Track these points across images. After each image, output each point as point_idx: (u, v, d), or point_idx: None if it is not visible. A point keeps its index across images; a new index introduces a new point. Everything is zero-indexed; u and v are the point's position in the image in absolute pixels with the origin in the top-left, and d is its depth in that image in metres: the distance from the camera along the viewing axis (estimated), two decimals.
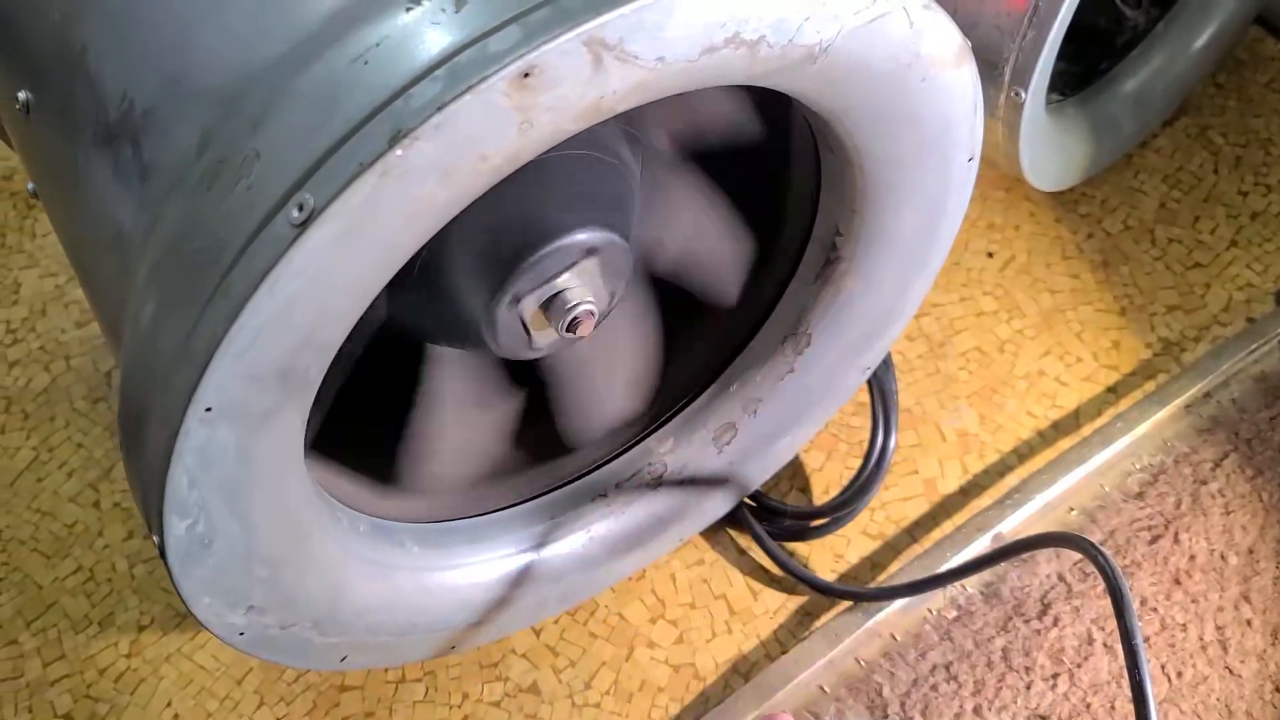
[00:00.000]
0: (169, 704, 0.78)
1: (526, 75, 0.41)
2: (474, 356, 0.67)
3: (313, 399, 0.49)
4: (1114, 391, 0.84)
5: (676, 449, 0.76)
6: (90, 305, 0.62)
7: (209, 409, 0.44)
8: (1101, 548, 0.61)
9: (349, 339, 0.48)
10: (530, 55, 0.41)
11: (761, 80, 0.51)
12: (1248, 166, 0.94)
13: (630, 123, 0.62)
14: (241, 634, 0.57)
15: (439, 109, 0.40)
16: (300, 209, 0.41)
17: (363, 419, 0.64)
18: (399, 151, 0.40)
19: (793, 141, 0.66)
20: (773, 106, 0.64)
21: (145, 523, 0.51)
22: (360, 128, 0.41)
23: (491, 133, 0.42)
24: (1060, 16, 0.68)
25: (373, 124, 0.41)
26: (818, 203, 0.68)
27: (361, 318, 0.47)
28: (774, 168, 0.69)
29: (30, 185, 0.65)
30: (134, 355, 0.48)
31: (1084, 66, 0.92)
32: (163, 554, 0.50)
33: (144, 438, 0.47)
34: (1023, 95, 0.72)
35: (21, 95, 0.58)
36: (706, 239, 0.71)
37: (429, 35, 0.42)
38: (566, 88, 0.43)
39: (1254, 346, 0.83)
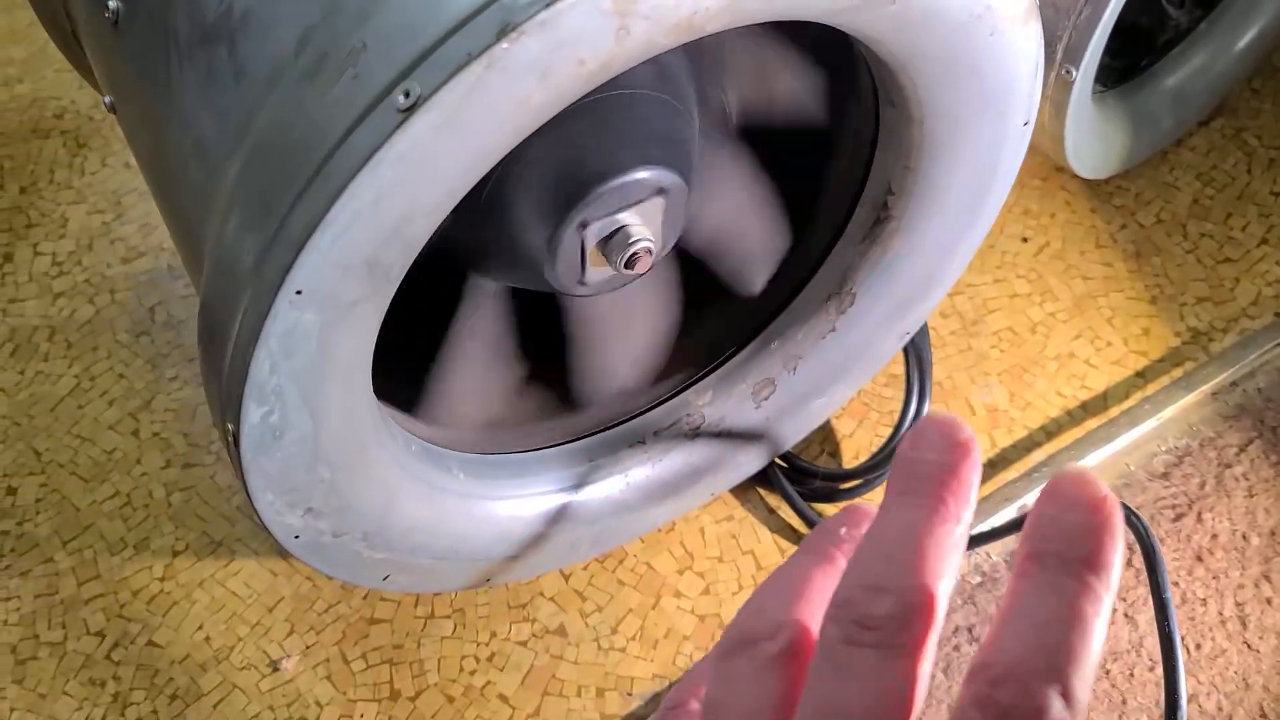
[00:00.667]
0: (200, 627, 0.79)
1: None
2: (517, 295, 0.68)
3: (391, 296, 0.50)
4: (1142, 376, 0.86)
5: (715, 401, 0.77)
6: (167, 218, 0.63)
7: (299, 291, 0.46)
8: (1132, 509, 0.62)
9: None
10: None
11: (840, 17, 0.52)
12: None
13: (700, 79, 0.64)
14: (297, 537, 0.58)
15: (546, 5, 0.42)
16: (407, 95, 0.42)
17: (407, 347, 0.65)
18: (505, 45, 0.42)
19: (849, 107, 0.68)
20: (836, 72, 0.66)
21: (219, 413, 0.52)
22: (469, 20, 0.42)
23: (591, 36, 0.44)
24: None
25: (482, 17, 0.42)
26: (870, 166, 0.70)
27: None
28: (831, 133, 0.71)
29: (108, 99, 0.66)
30: (223, 246, 0.50)
31: (1126, 62, 0.94)
32: (235, 442, 0.51)
33: (228, 324, 0.49)
34: (1074, 73, 0.74)
35: (113, 4, 0.60)
36: (749, 215, 0.73)
37: None
38: None
39: None
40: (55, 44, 0.80)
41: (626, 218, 0.60)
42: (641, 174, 0.59)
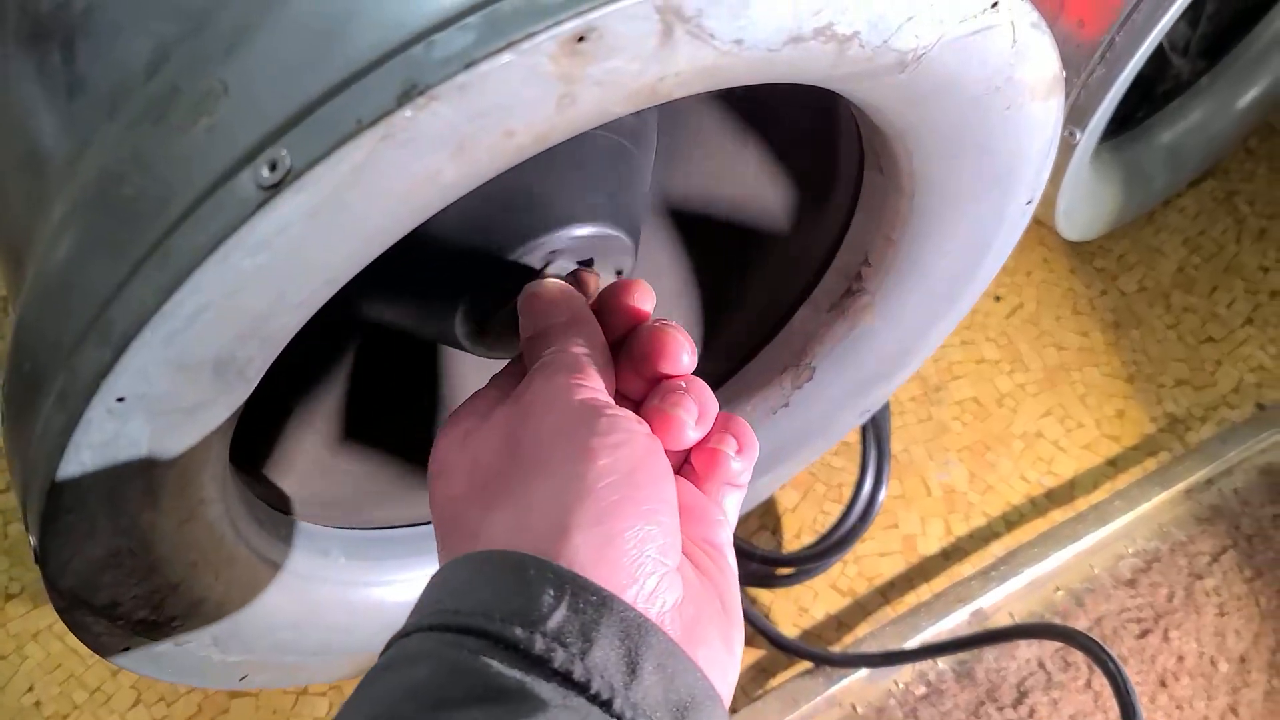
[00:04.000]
0: (30, 689, 0.68)
1: (581, 39, 0.33)
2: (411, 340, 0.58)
3: (247, 396, 0.40)
4: (1114, 465, 0.79)
5: None
6: None
7: (121, 399, 0.35)
8: (1110, 651, 0.55)
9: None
10: (592, 15, 0.32)
11: (838, 84, 0.43)
12: (1271, 240, 0.89)
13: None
14: (126, 649, 0.47)
15: (468, 65, 0.31)
16: (273, 168, 0.32)
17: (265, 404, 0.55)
18: (408, 113, 0.32)
19: (837, 162, 0.58)
20: (818, 117, 0.57)
21: (21, 516, 0.41)
22: (364, 74, 0.32)
23: (524, 104, 0.34)
24: (1137, 56, 0.61)
25: (381, 72, 0.32)
26: (847, 228, 0.60)
27: None
28: (809, 185, 0.62)
29: None
30: (36, 310, 0.38)
31: (1121, 111, 0.86)
32: (40, 560, 0.40)
33: (33, 417, 0.38)
34: (1078, 136, 0.65)
35: None
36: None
37: None
38: (624, 60, 0.34)
39: (1263, 435, 0.79)
40: None
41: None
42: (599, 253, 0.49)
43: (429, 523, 0.63)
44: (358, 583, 0.58)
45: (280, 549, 0.53)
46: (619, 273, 0.50)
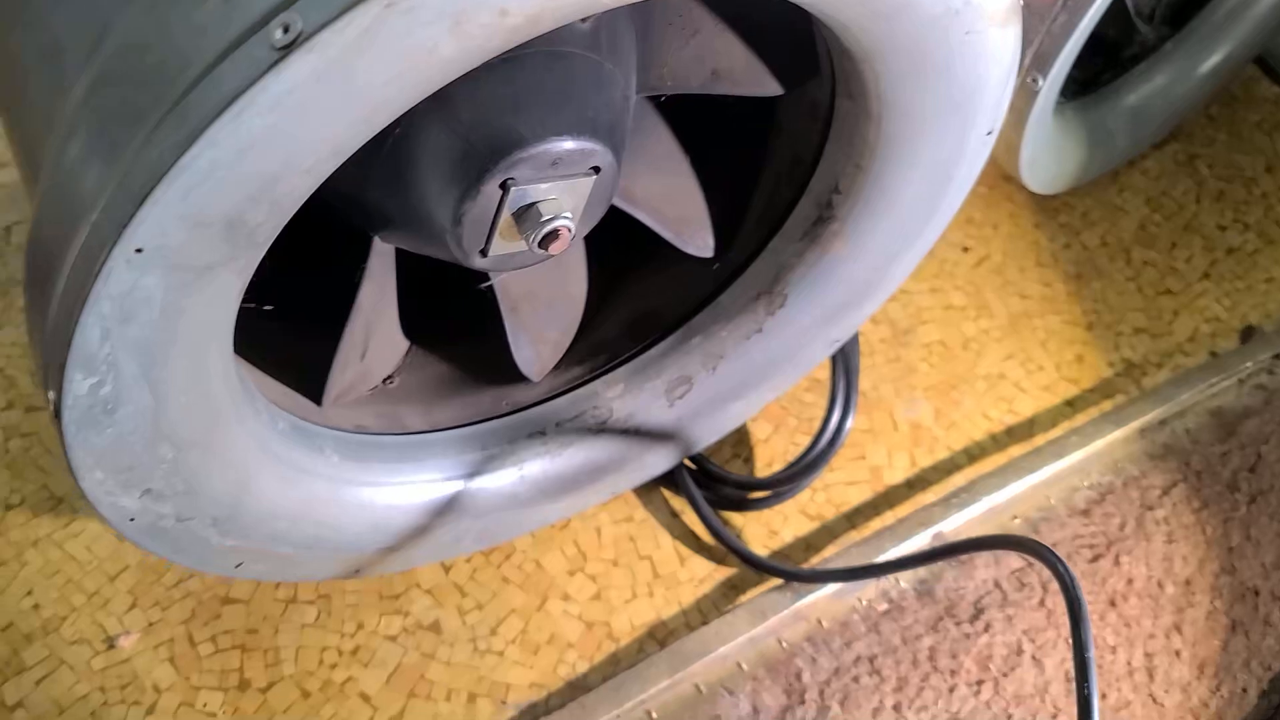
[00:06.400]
0: (29, 592, 0.70)
1: None
2: (415, 258, 0.61)
3: (257, 262, 0.43)
4: (1071, 405, 0.83)
5: (625, 396, 0.71)
6: (8, 132, 0.54)
7: (139, 250, 0.38)
8: (1059, 556, 0.58)
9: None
10: None
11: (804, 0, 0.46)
12: (1229, 201, 0.93)
13: (642, 45, 0.57)
14: (132, 519, 0.50)
15: None
16: (285, 30, 0.35)
17: (287, 306, 0.58)
18: None
19: (807, 90, 0.62)
20: (792, 49, 0.60)
21: (41, 374, 0.44)
22: None
23: None
24: (1097, 5, 0.65)
25: None
26: (820, 155, 0.64)
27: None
28: (780, 116, 0.65)
29: None
30: (58, 177, 0.41)
31: (1087, 74, 0.90)
32: (56, 414, 0.43)
33: (55, 275, 0.41)
34: (1040, 82, 0.69)
35: None
36: (685, 189, 0.67)
37: None
38: None
39: (1214, 380, 0.82)
40: None
41: (550, 190, 0.54)
42: (573, 144, 0.52)
43: (420, 433, 0.67)
44: (349, 481, 0.61)
45: (279, 440, 0.56)
46: (596, 169, 0.53)
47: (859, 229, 0.64)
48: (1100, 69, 0.91)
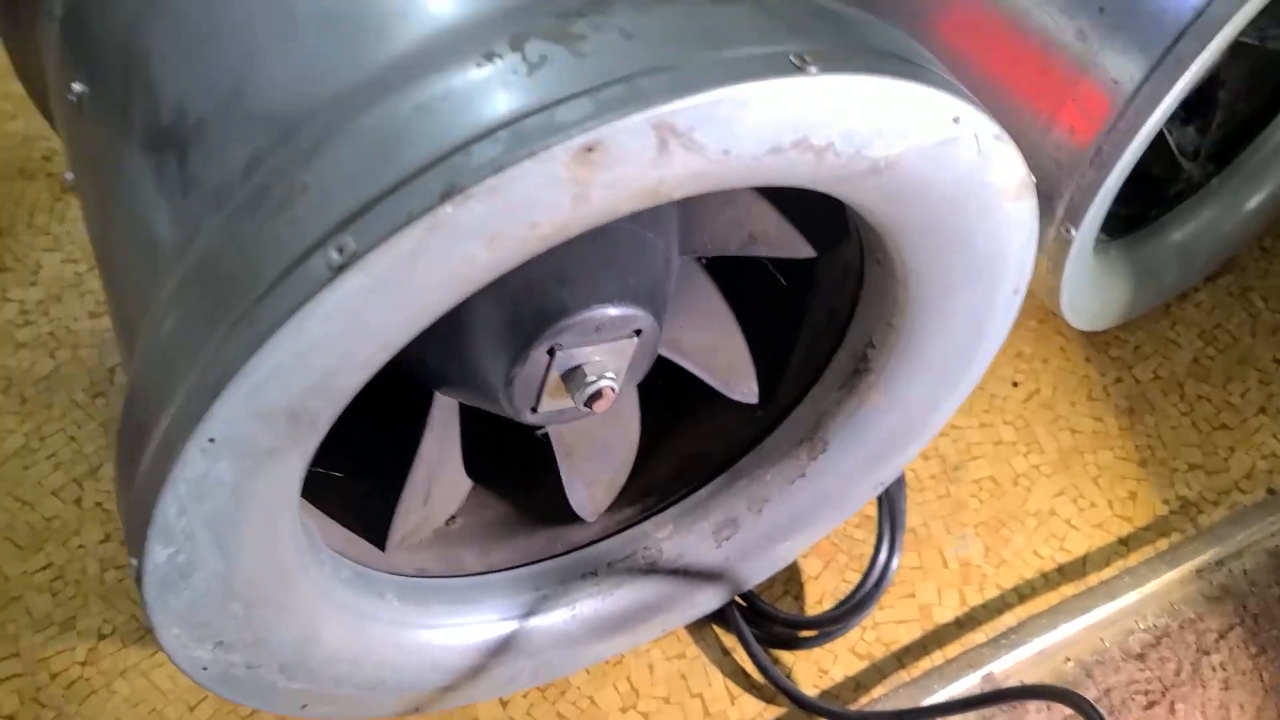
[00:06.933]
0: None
1: (590, 150, 0.40)
2: (473, 410, 0.66)
3: (318, 444, 0.47)
4: (1125, 544, 0.82)
5: (674, 536, 0.74)
6: (109, 302, 0.60)
7: (212, 440, 0.43)
8: (1102, 714, 0.59)
9: None
10: (598, 130, 0.40)
11: (821, 186, 0.50)
12: None
13: (683, 213, 0.62)
14: (205, 669, 0.55)
15: (497, 171, 0.39)
16: (340, 251, 0.40)
17: (352, 459, 0.62)
18: (449, 208, 0.39)
19: (840, 250, 0.65)
20: (825, 215, 0.64)
21: (126, 542, 0.49)
22: (414, 178, 0.40)
23: (545, 202, 0.41)
24: (1124, 162, 0.68)
25: (427, 176, 0.40)
26: (854, 311, 0.67)
27: None
28: (817, 272, 0.68)
29: (69, 175, 0.64)
30: (146, 368, 0.47)
31: (1133, 210, 0.91)
32: (138, 579, 0.48)
33: (141, 456, 0.46)
34: (1073, 233, 0.71)
35: (77, 87, 0.58)
36: (729, 340, 0.70)
37: (498, 94, 0.41)
38: (628, 167, 0.42)
39: (1272, 519, 0.82)
40: (35, 106, 0.78)
41: (595, 354, 0.58)
42: (616, 310, 0.56)
43: (475, 574, 0.70)
44: (409, 624, 0.65)
45: (342, 589, 0.60)
46: (638, 332, 0.57)
47: (894, 382, 0.67)
48: (1147, 206, 0.92)
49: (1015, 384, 0.91)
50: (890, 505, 0.79)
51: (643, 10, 0.42)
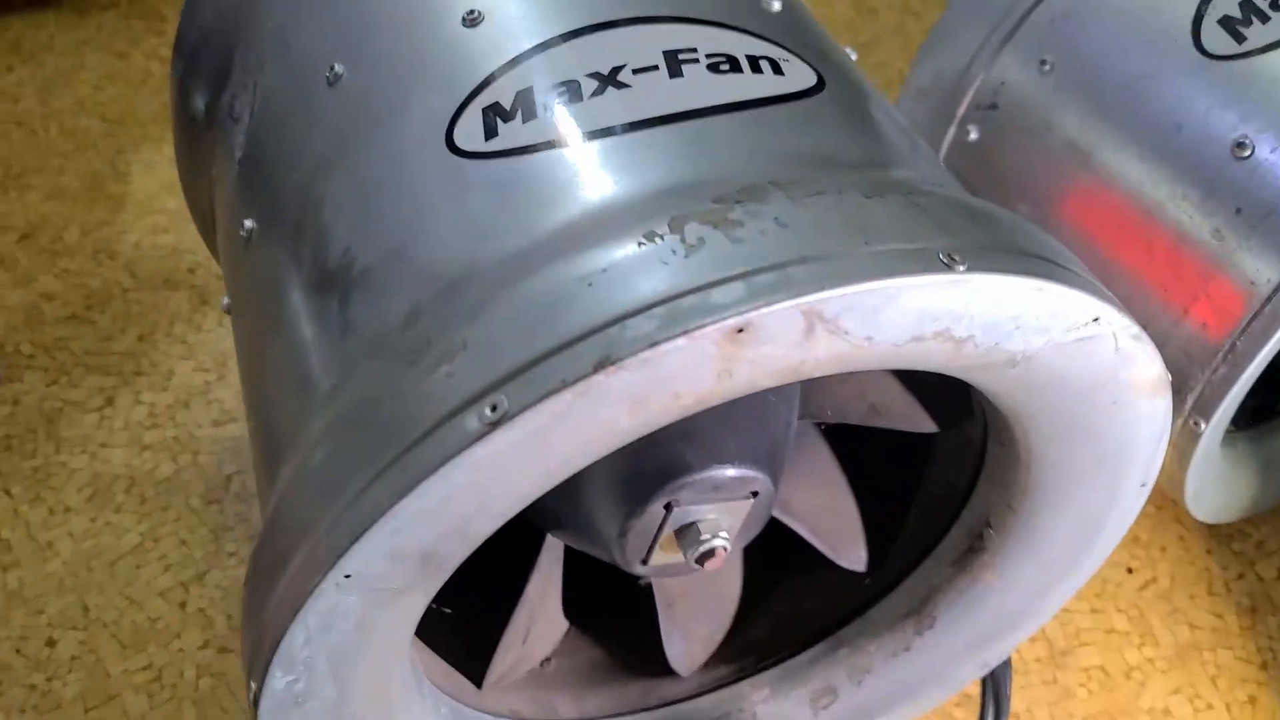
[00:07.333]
0: None
1: (740, 330, 0.42)
2: (582, 556, 0.66)
3: (442, 584, 0.48)
4: None
5: (771, 700, 0.73)
6: (251, 429, 0.63)
7: (348, 575, 0.44)
8: None
9: None
10: (750, 314, 0.41)
11: (956, 372, 0.50)
12: None
13: (808, 387, 0.63)
14: None
15: (651, 345, 0.41)
16: (494, 409, 0.41)
17: (458, 594, 0.63)
18: (601, 377, 0.41)
19: (963, 427, 0.65)
20: (950, 391, 0.64)
21: (246, 667, 0.50)
22: (570, 345, 0.41)
23: (691, 375, 0.42)
24: (1258, 360, 0.67)
25: (583, 344, 0.41)
26: (973, 489, 0.66)
27: None
28: (937, 445, 0.68)
29: (226, 301, 0.68)
30: (290, 500, 0.49)
31: (1260, 402, 0.89)
32: (255, 703, 0.49)
33: (275, 582, 0.47)
34: (1202, 426, 0.70)
35: (248, 224, 0.62)
36: (841, 505, 0.70)
37: (656, 272, 0.43)
38: (773, 347, 0.43)
39: None
40: (197, 229, 0.83)
41: (710, 512, 0.58)
42: (735, 472, 0.57)
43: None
44: None
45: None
46: (754, 494, 0.57)
47: (1009, 563, 0.66)
48: (1273, 397, 0.90)
49: (1130, 570, 0.88)
50: (995, 687, 0.76)
51: (797, 201, 0.44)
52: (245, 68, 0.67)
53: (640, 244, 0.43)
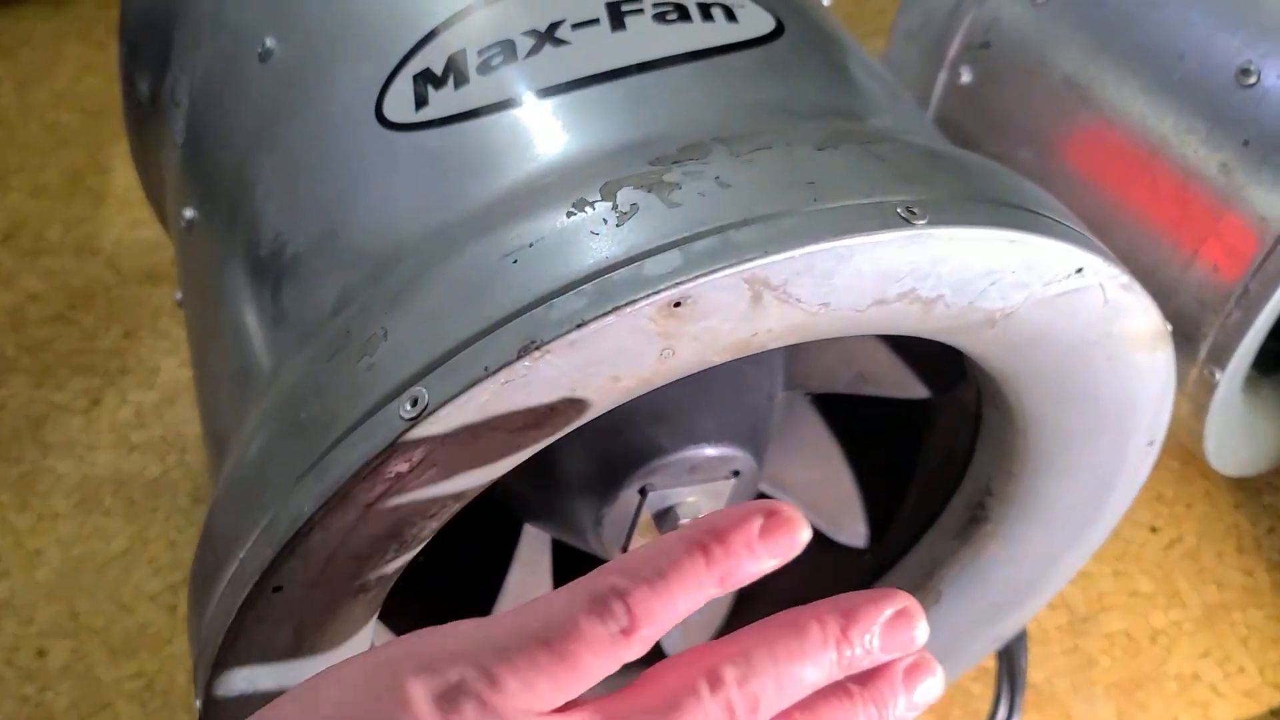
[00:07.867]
0: None
1: (678, 304, 0.38)
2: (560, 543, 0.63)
3: (387, 591, 0.45)
4: (1277, 716, 0.74)
5: None
6: (201, 419, 0.60)
7: (278, 589, 0.41)
8: None
9: None
10: (687, 285, 0.37)
11: (931, 335, 0.46)
12: None
13: (787, 349, 0.59)
14: None
15: (578, 325, 0.37)
16: (414, 403, 0.38)
17: (439, 587, 0.60)
18: (526, 363, 0.37)
19: (958, 391, 0.61)
20: (942, 354, 0.60)
21: (193, 676, 0.48)
22: (493, 330, 0.38)
23: (629, 356, 0.39)
24: (1273, 303, 0.62)
25: (507, 329, 0.38)
26: (969, 458, 0.62)
27: None
28: (934, 412, 0.64)
29: (178, 295, 0.65)
30: (223, 505, 0.46)
31: None
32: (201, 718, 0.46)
33: (210, 598, 0.44)
34: (1217, 375, 0.66)
35: (188, 213, 0.59)
36: (837, 479, 0.67)
37: (585, 244, 0.39)
38: (717, 321, 0.39)
39: None
40: (159, 220, 0.80)
41: (689, 495, 0.55)
42: (712, 451, 0.54)
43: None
44: None
45: None
46: (735, 473, 0.54)
47: (1014, 532, 0.62)
48: None
49: (1154, 530, 0.84)
50: (1010, 661, 0.72)
51: (741, 158, 0.40)
52: (184, 47, 0.64)
53: (570, 214, 0.40)
